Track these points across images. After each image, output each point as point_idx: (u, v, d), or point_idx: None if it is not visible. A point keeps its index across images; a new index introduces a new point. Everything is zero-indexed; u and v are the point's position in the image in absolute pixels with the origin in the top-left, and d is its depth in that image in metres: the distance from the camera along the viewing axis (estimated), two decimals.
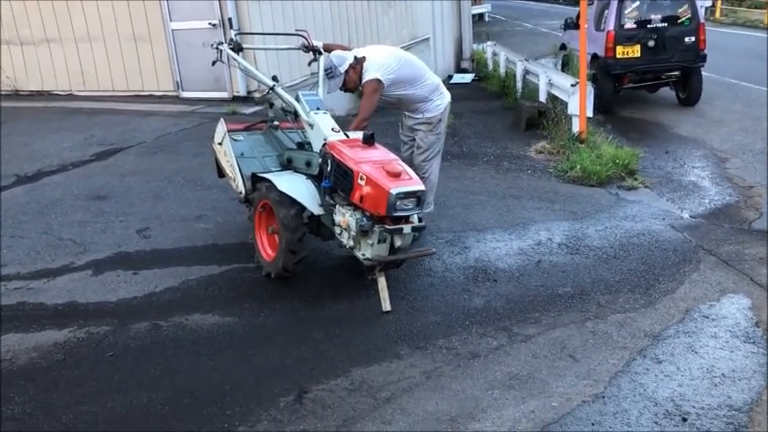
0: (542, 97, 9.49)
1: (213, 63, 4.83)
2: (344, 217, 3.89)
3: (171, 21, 9.13)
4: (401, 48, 13.42)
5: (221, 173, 4.94)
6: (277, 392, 3.24)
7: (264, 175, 4.29)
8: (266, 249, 4.38)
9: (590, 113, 7.86)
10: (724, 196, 6.43)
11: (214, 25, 8.65)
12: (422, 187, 3.74)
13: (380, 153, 3.97)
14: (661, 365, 3.46)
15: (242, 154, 4.62)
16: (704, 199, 6.36)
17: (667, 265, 4.67)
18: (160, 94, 9.63)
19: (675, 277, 4.49)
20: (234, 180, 4.61)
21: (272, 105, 5.03)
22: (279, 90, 4.53)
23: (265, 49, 5.29)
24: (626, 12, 10.17)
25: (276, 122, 4.88)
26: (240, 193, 4.55)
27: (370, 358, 3.53)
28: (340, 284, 4.34)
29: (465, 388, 3.27)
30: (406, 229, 3.77)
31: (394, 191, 3.60)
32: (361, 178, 3.71)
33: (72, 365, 3.47)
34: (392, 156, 3.97)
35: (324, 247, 4.74)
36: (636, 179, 6.75)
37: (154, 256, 4.73)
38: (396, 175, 3.69)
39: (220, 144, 4.77)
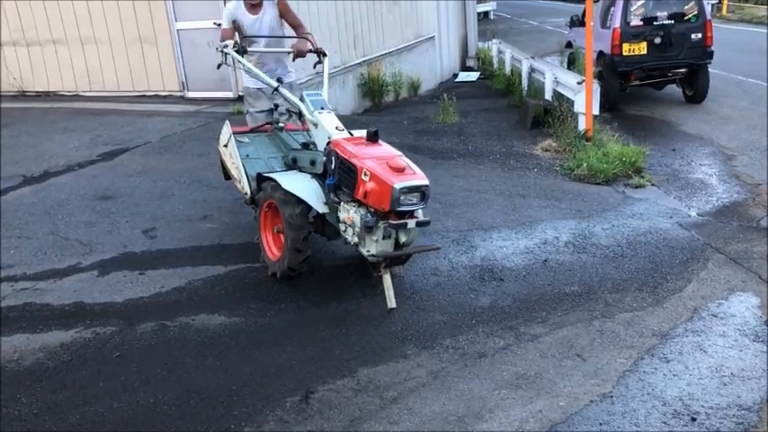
0: (548, 95, 9.45)
1: (218, 66, 4.85)
2: (349, 213, 3.88)
3: (176, 21, 9.15)
4: (406, 46, 13.43)
5: (227, 175, 4.96)
6: (283, 392, 3.23)
7: (269, 175, 4.30)
8: (272, 249, 4.38)
9: (596, 111, 7.82)
10: (731, 194, 6.39)
11: (219, 25, 8.63)
12: (426, 182, 3.72)
13: (384, 149, 3.97)
14: (669, 365, 3.43)
15: (247, 155, 4.65)
16: (712, 197, 6.32)
17: (675, 264, 4.65)
18: (165, 94, 9.66)
19: (683, 276, 4.46)
20: (239, 181, 4.62)
21: (276, 107, 5.06)
22: (283, 91, 4.55)
23: (269, 51, 5.29)
24: (632, 9, 10.11)
25: (281, 124, 4.91)
26: (246, 194, 4.56)
27: (377, 358, 3.52)
28: (346, 284, 4.33)
29: (472, 388, 3.26)
30: (411, 224, 3.77)
31: (398, 185, 3.58)
32: (365, 174, 3.71)
33: (78, 366, 3.47)
34: (396, 152, 3.96)
35: (329, 246, 4.73)
36: (643, 177, 6.71)
37: (160, 257, 4.73)
38: (399, 170, 3.68)
39: (226, 146, 4.80)
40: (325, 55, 4.93)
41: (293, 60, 5.11)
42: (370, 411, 3.09)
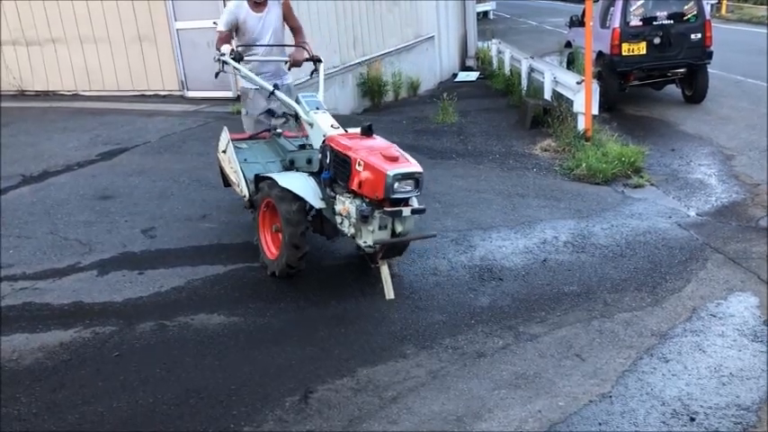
0: (547, 95, 9.45)
1: (216, 75, 4.87)
2: (344, 205, 3.90)
3: (176, 20, 9.14)
4: (405, 46, 13.46)
5: (226, 182, 5.00)
6: (282, 392, 3.23)
7: (267, 174, 4.33)
8: (270, 248, 4.39)
9: (595, 111, 7.82)
10: (731, 194, 6.39)
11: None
12: (419, 169, 3.75)
13: (378, 142, 4.02)
14: (668, 364, 3.44)
15: (245, 160, 4.70)
16: (711, 197, 6.33)
17: (674, 264, 4.65)
18: (165, 93, 9.66)
19: (682, 275, 4.47)
20: (238, 185, 4.65)
21: (273, 114, 5.10)
22: (279, 94, 4.62)
23: (265, 60, 5.29)
24: (631, 9, 10.12)
25: (279, 130, 4.96)
26: (244, 196, 4.58)
27: (376, 357, 3.52)
28: (345, 284, 4.33)
29: (471, 387, 3.26)
30: (406, 211, 3.80)
31: (391, 172, 3.62)
32: (359, 164, 3.74)
33: (78, 365, 3.47)
34: (390, 143, 3.98)
35: (329, 246, 4.74)
36: (642, 177, 6.72)
37: (159, 256, 4.73)
38: (393, 159, 3.72)
39: (224, 152, 4.83)
40: (320, 62, 5.03)
41: (289, 69, 5.18)
42: (370, 411, 3.09)
